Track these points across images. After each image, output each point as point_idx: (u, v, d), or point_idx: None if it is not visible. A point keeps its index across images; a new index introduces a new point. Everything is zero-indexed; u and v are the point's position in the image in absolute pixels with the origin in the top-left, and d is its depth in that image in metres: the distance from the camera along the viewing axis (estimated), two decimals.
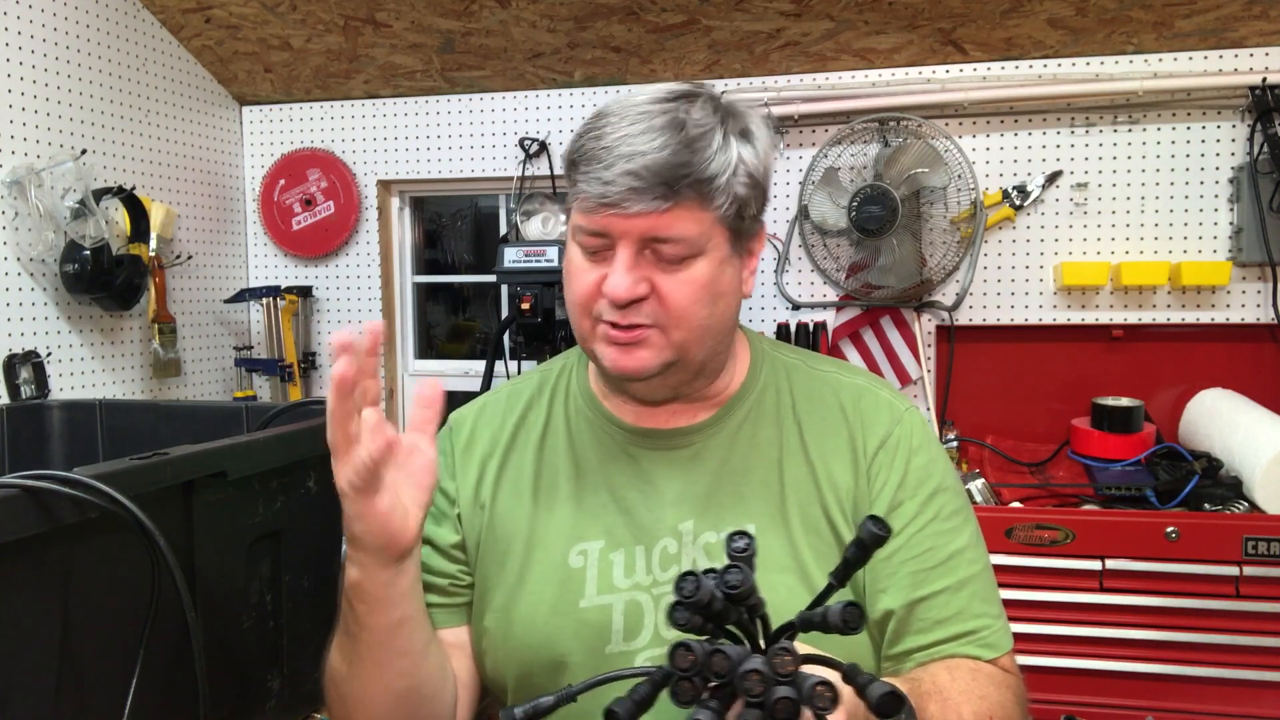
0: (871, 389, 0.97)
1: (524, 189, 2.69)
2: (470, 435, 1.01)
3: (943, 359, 2.42)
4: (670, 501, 0.92)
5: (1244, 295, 2.30)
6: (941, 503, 0.92)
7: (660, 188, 0.81)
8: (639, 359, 0.87)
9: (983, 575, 0.92)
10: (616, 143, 0.82)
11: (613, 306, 0.85)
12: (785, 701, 0.59)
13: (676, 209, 0.82)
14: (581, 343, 0.92)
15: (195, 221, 2.67)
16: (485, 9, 2.35)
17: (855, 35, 2.34)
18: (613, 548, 0.92)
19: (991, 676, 0.86)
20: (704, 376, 0.94)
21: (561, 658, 0.90)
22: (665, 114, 0.84)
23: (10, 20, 2.05)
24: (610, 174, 0.81)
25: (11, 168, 2.03)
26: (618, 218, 0.83)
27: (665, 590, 0.89)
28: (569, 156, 0.88)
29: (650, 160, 0.81)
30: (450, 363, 2.95)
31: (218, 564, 0.98)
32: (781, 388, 0.98)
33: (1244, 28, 2.20)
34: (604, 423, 0.97)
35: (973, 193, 2.38)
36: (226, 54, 2.63)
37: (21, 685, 0.76)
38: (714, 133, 0.84)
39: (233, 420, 1.38)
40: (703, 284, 0.86)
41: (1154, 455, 2.09)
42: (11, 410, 1.44)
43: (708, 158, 0.83)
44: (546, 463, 0.97)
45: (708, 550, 0.91)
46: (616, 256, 0.84)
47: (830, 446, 0.93)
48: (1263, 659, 1.78)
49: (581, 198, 0.85)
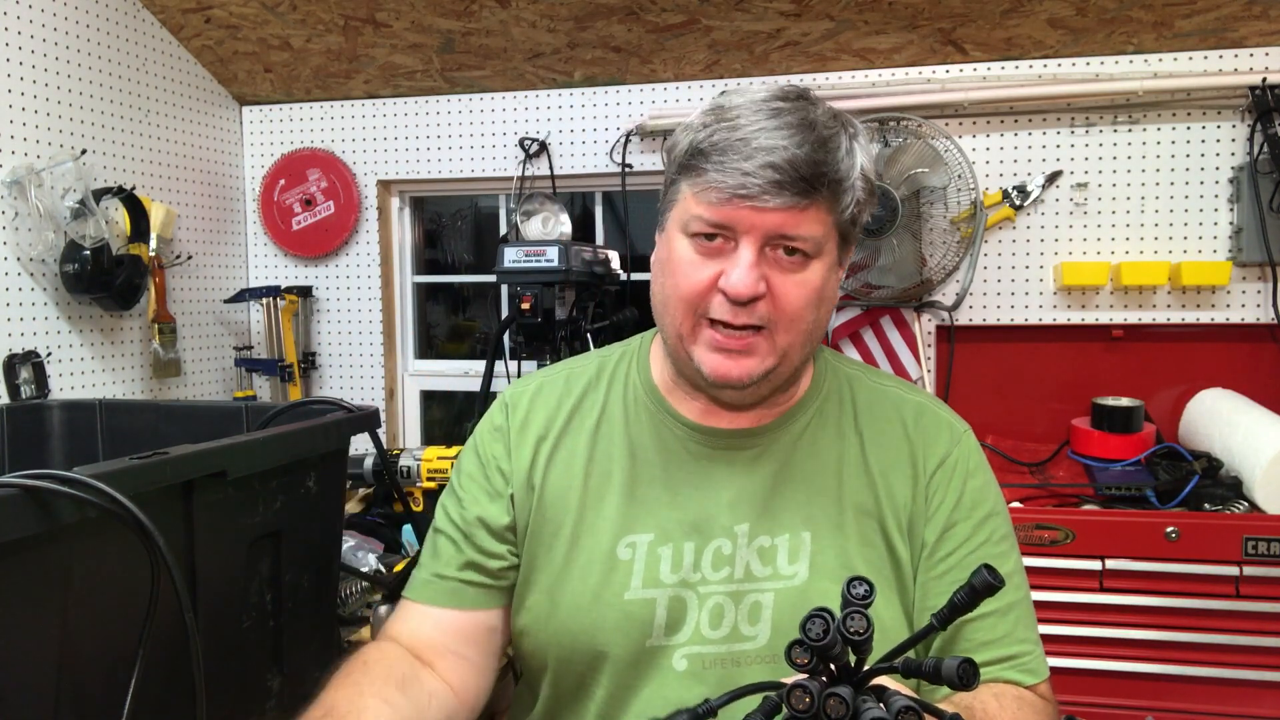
0: (932, 408, 0.99)
1: (524, 189, 2.69)
2: (526, 414, 1.00)
3: (943, 359, 2.42)
4: (727, 502, 0.92)
5: (1244, 295, 2.30)
6: (993, 527, 0.93)
7: (801, 184, 0.80)
8: (745, 367, 0.85)
9: (1025, 601, 0.93)
10: (754, 134, 0.80)
11: (730, 304, 0.83)
12: None
13: (811, 208, 0.82)
14: (676, 342, 0.89)
15: (195, 221, 2.67)
16: (485, 9, 2.35)
17: (855, 35, 2.34)
18: (662, 542, 0.91)
19: (1034, 705, 0.87)
20: (787, 383, 0.93)
21: (602, 647, 0.90)
22: (795, 112, 0.82)
23: (10, 20, 2.05)
24: (750, 165, 0.80)
25: (11, 168, 2.03)
26: (750, 211, 0.81)
27: (713, 589, 0.89)
28: (692, 146, 0.84)
29: (792, 155, 0.79)
30: (450, 363, 2.95)
31: (218, 564, 0.98)
32: (844, 398, 0.98)
33: (1244, 28, 2.20)
34: (665, 416, 0.96)
35: (973, 193, 2.38)
36: (226, 54, 2.63)
37: (21, 685, 0.76)
38: (840, 135, 0.84)
39: (233, 420, 1.38)
40: (815, 287, 0.85)
41: (1154, 455, 2.08)
42: (11, 410, 1.44)
43: (839, 159, 0.83)
44: (600, 450, 0.96)
45: (761, 553, 0.90)
46: (739, 252, 0.83)
47: (890, 460, 0.94)
48: (1263, 659, 1.78)
49: (710, 188, 0.82)
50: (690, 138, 0.85)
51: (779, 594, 0.89)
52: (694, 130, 0.85)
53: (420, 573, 1.00)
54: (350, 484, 2.00)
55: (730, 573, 0.90)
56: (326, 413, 1.21)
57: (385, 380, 2.86)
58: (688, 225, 0.85)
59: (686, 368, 0.90)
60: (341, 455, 1.21)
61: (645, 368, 1.00)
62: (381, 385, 2.85)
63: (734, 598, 0.89)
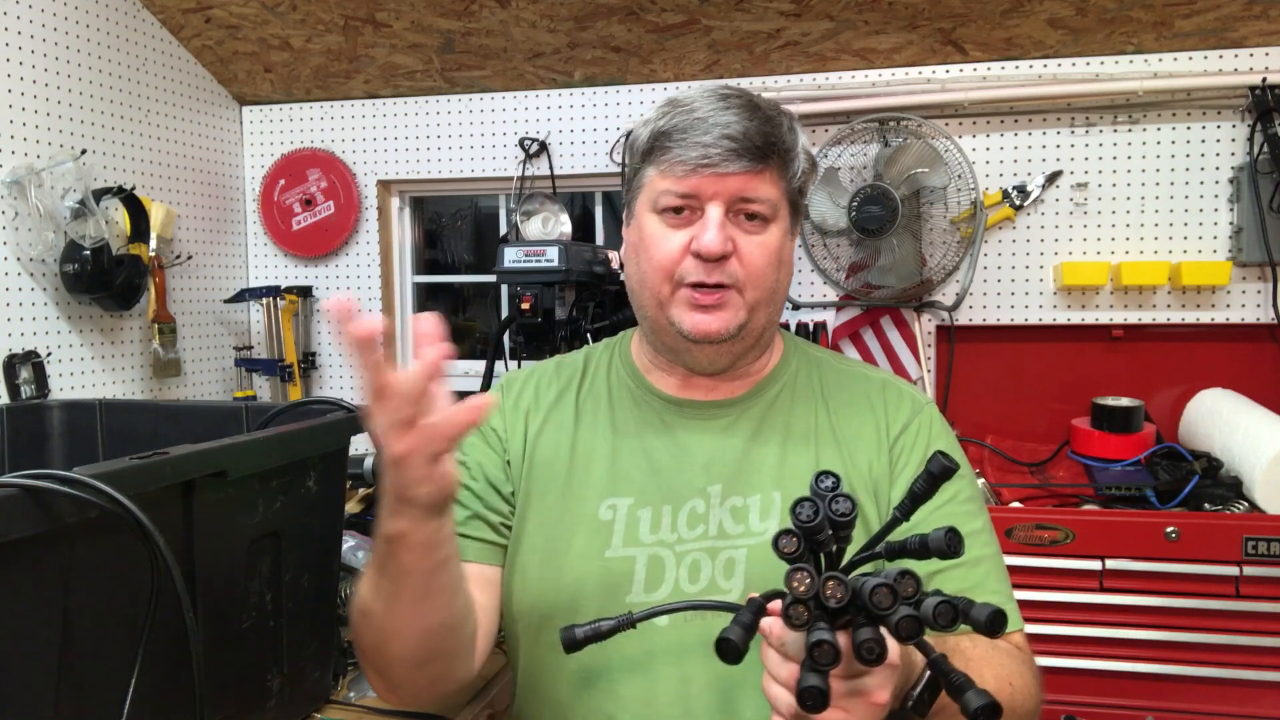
0: (895, 383, 1.06)
1: (524, 189, 2.69)
2: (519, 393, 1.09)
3: (943, 359, 2.42)
4: (702, 465, 0.99)
5: (1244, 295, 2.30)
6: (957, 488, 0.97)
7: (755, 151, 0.92)
8: (721, 320, 0.94)
9: (996, 558, 0.98)
10: (709, 114, 0.92)
11: (700, 264, 0.93)
12: (909, 620, 0.61)
13: (765, 172, 0.93)
14: (656, 309, 0.97)
15: (195, 221, 2.67)
16: (485, 9, 2.35)
17: (855, 35, 2.34)
18: (641, 505, 0.98)
19: (1008, 650, 0.91)
20: (757, 348, 1.02)
21: (583, 602, 0.95)
22: (741, 98, 0.95)
23: (10, 20, 2.05)
24: (709, 139, 0.91)
25: (11, 168, 2.03)
26: (713, 178, 0.92)
27: (689, 547, 0.95)
28: (654, 133, 0.95)
29: (745, 128, 0.91)
30: (450, 363, 2.95)
31: (218, 564, 0.98)
32: (813, 375, 1.06)
33: (1244, 28, 2.20)
34: (644, 393, 1.05)
35: (973, 193, 2.38)
36: (226, 54, 2.63)
37: (21, 685, 0.76)
38: (781, 117, 0.97)
39: (233, 420, 1.38)
40: (774, 248, 0.96)
41: (1154, 455, 2.08)
42: (11, 410, 1.44)
43: (784, 133, 0.95)
44: (585, 424, 1.04)
45: (734, 512, 0.96)
46: (707, 216, 0.93)
47: (856, 429, 1.01)
48: (1263, 659, 1.78)
49: (675, 162, 0.93)
50: (652, 127, 0.96)
51: (751, 550, 0.94)
52: (654, 121, 0.96)
53: None
54: (350, 484, 2.00)
55: (705, 530, 0.96)
56: (326, 413, 1.21)
57: None
58: (657, 202, 0.95)
59: (667, 334, 0.98)
60: (341, 455, 1.21)
61: (627, 353, 1.09)
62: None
63: (710, 553, 0.95)
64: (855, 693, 0.66)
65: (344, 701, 1.26)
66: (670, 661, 0.91)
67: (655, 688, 0.91)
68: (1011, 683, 0.85)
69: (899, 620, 0.61)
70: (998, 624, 0.61)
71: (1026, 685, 0.88)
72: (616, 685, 0.92)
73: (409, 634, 0.86)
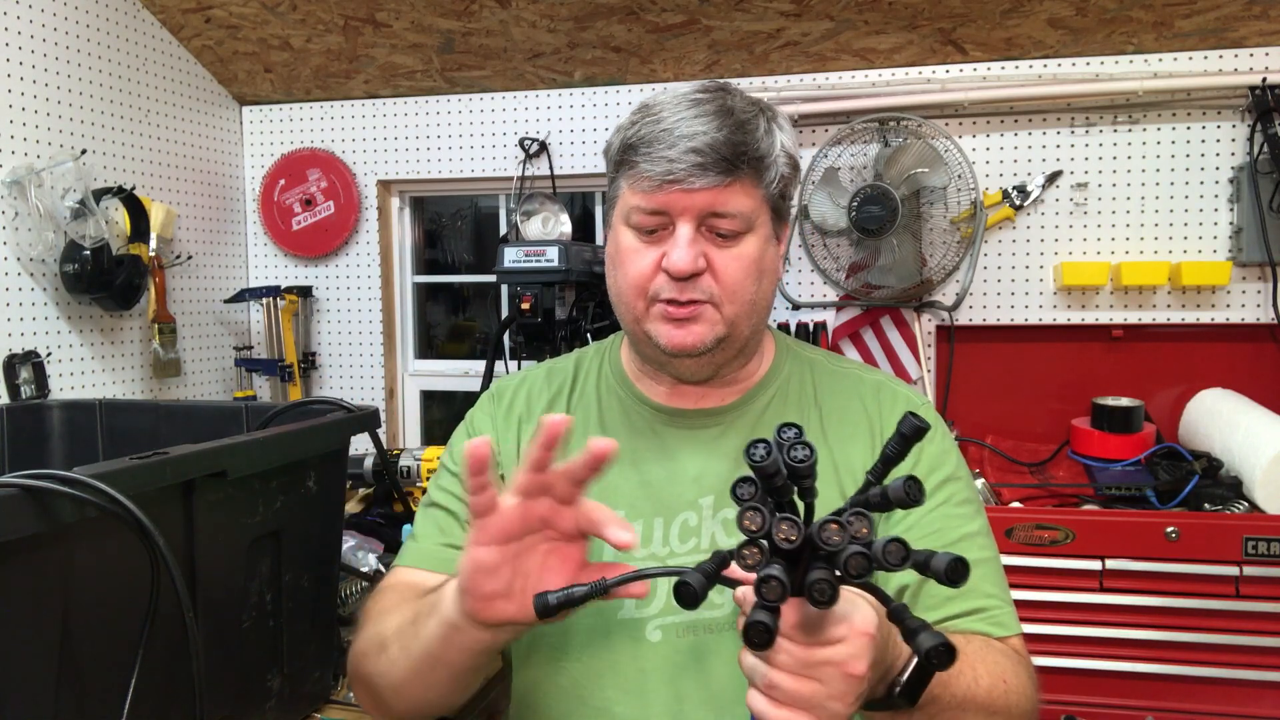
0: (890, 384, 1.03)
1: (524, 189, 2.69)
2: (510, 401, 1.06)
3: (943, 359, 2.42)
4: (692, 477, 0.97)
5: (1244, 295, 2.30)
6: (952, 490, 0.96)
7: (722, 163, 0.87)
8: (695, 334, 0.91)
9: (992, 561, 0.95)
10: (675, 124, 0.88)
11: (673, 282, 0.89)
12: (858, 557, 0.59)
13: (735, 184, 0.88)
14: (633, 324, 0.95)
15: (195, 221, 2.67)
16: (485, 9, 2.35)
17: (855, 35, 2.34)
18: (632, 518, 0.95)
19: (1004, 650, 0.89)
20: (742, 356, 0.99)
21: (575, 618, 0.92)
22: (713, 102, 0.90)
23: (10, 20, 2.05)
24: (674, 152, 0.87)
25: (11, 168, 2.03)
26: (681, 194, 0.88)
27: (681, 561, 0.93)
28: (623, 143, 0.92)
29: (711, 139, 0.87)
30: (450, 363, 2.95)
31: (218, 564, 0.98)
32: (805, 378, 1.03)
33: (1244, 28, 2.20)
34: (633, 401, 1.02)
35: (973, 193, 2.38)
36: (226, 54, 2.63)
37: (21, 685, 0.76)
38: (758, 119, 0.91)
39: (233, 420, 1.38)
40: (752, 259, 0.91)
41: (1154, 455, 2.08)
42: (11, 410, 1.44)
43: (758, 139, 0.89)
44: (576, 435, 1.00)
45: (725, 525, 0.94)
46: (677, 233, 0.89)
47: (848, 433, 0.98)
48: (1263, 659, 1.78)
49: (642, 177, 0.89)
50: (621, 136, 0.93)
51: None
52: (624, 129, 0.93)
53: (422, 545, 1.00)
54: (350, 484, 2.01)
55: (696, 544, 0.94)
56: (326, 413, 1.21)
57: (385, 380, 2.86)
58: (629, 216, 0.92)
59: (645, 346, 0.96)
60: (341, 455, 1.22)
61: (616, 360, 1.06)
62: (381, 385, 2.85)
63: None
64: (828, 662, 0.63)
65: (344, 701, 1.26)
66: (663, 679, 0.90)
67: (648, 706, 0.90)
68: (1005, 680, 0.84)
69: (848, 557, 0.59)
70: (958, 572, 0.59)
71: (1022, 685, 0.87)
72: (610, 703, 0.91)
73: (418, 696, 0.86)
